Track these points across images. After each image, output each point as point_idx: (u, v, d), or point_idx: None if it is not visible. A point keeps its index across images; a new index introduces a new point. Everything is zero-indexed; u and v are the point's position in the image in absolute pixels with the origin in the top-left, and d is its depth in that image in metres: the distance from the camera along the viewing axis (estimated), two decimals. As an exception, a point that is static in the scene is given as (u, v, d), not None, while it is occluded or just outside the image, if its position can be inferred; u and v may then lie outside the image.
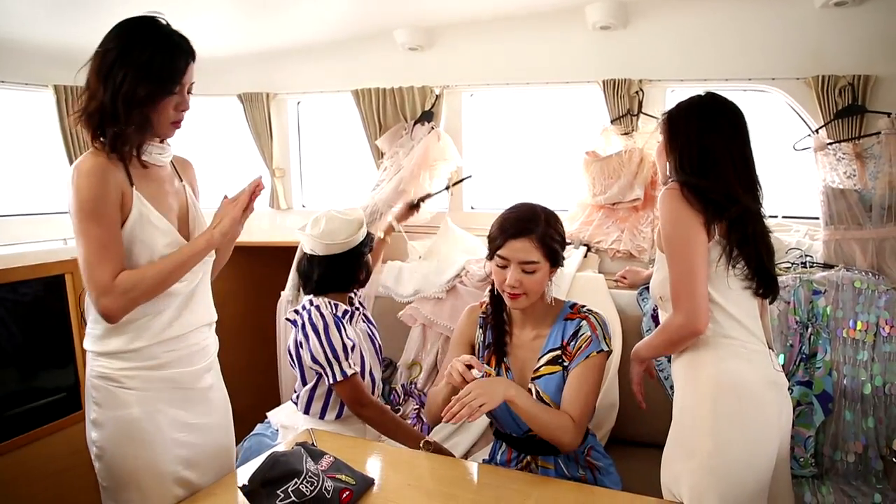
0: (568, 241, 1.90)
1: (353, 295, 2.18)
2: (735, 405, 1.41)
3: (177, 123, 1.47)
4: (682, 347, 1.52)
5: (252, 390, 1.73)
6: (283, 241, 2.97)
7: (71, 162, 2.86)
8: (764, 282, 1.50)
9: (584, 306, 1.70)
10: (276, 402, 2.85)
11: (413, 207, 2.67)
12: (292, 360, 2.07)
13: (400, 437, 1.95)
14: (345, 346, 1.93)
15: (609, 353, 1.65)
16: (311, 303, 2.02)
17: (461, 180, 2.80)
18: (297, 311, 2.05)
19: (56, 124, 2.83)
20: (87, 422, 1.47)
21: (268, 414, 2.34)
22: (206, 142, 3.28)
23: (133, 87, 1.35)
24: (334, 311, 1.99)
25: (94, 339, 1.46)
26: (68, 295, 2.40)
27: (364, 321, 2.19)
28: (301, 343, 1.97)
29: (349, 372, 1.91)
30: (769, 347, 1.55)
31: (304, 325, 1.96)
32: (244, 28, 2.79)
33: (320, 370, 1.93)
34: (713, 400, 1.42)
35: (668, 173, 1.59)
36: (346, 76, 2.95)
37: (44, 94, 2.82)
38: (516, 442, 1.71)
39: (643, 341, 1.65)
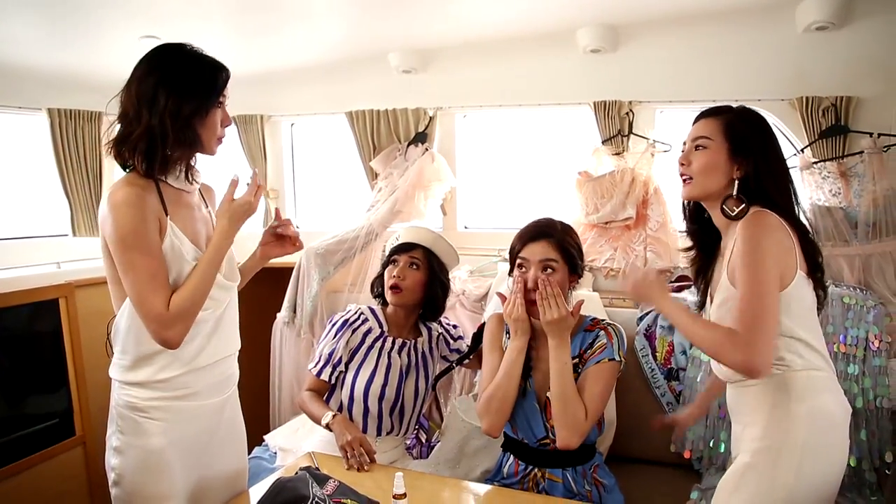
0: None
1: (424, 326, 2.12)
2: (823, 440, 1.35)
3: (220, 139, 1.48)
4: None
5: (245, 413, 1.74)
6: (277, 263, 2.88)
7: (65, 186, 2.86)
8: (821, 310, 1.48)
9: (603, 319, 1.75)
10: (267, 426, 2.82)
11: None
12: None
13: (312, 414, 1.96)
14: (323, 349, 2.01)
15: (620, 363, 1.67)
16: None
17: None
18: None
19: (49, 147, 2.82)
20: (108, 447, 1.47)
21: (265, 437, 2.33)
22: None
23: (178, 105, 1.35)
24: (352, 319, 2.04)
25: (122, 369, 1.45)
26: (62, 319, 2.37)
27: (408, 358, 2.03)
28: None
29: (310, 367, 2.03)
30: None
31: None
32: (239, 51, 2.80)
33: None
34: (806, 434, 1.33)
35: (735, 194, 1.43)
36: (340, 98, 2.97)
37: (37, 118, 2.81)
38: (526, 452, 1.72)
39: (684, 313, 1.42)
